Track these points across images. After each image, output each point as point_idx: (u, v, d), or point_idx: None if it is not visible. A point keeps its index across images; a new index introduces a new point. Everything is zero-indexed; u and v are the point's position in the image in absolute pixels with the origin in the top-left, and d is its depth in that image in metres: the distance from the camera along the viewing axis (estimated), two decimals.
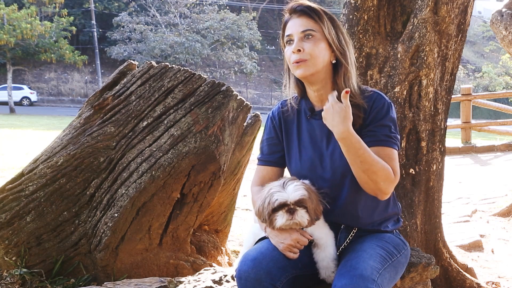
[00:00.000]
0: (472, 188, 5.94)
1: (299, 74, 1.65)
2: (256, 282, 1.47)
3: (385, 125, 1.63)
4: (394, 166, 1.60)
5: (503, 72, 34.65)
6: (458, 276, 2.60)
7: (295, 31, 1.64)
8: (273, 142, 1.80)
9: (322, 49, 1.62)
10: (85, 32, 32.84)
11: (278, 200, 1.54)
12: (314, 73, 1.64)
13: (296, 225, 1.56)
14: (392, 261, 1.59)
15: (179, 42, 28.41)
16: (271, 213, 1.55)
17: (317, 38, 1.62)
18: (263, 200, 1.58)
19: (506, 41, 4.85)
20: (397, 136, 1.65)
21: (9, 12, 23.79)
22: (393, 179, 1.59)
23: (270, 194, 1.56)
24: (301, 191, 1.54)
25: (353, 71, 1.68)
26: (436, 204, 2.55)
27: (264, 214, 1.57)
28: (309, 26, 1.62)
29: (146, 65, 2.50)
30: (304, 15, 1.64)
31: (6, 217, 2.26)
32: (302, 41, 1.62)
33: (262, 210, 1.58)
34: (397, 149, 1.64)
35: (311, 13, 1.63)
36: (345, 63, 1.65)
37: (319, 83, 1.68)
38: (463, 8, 2.42)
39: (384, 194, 1.62)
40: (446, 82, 2.49)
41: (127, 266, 2.28)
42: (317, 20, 1.63)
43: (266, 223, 1.58)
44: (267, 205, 1.56)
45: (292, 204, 1.53)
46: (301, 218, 1.54)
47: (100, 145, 2.33)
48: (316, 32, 1.62)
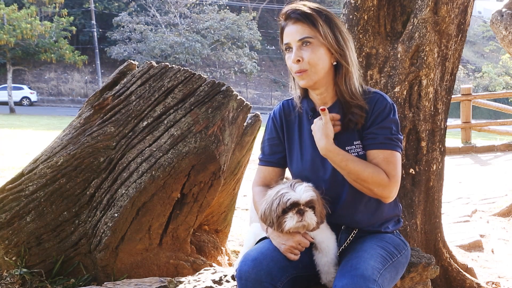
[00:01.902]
0: (472, 188, 5.94)
1: (302, 85, 1.66)
2: (257, 282, 1.47)
3: (386, 127, 1.62)
4: (390, 170, 1.59)
5: (503, 72, 34.65)
6: (458, 276, 2.60)
7: (292, 39, 1.62)
8: (274, 143, 1.80)
9: (321, 55, 1.61)
10: (85, 32, 32.84)
11: (291, 199, 1.51)
12: (316, 81, 1.64)
13: (304, 227, 1.54)
14: (392, 261, 1.59)
15: (179, 42, 28.41)
16: (281, 215, 1.52)
17: (315, 45, 1.60)
18: (270, 202, 1.55)
19: (506, 41, 4.85)
20: (399, 138, 1.64)
21: (9, 12, 23.78)
22: (387, 183, 1.58)
23: (280, 195, 1.53)
24: (310, 192, 1.54)
25: (354, 70, 1.66)
26: (436, 204, 2.55)
27: (271, 217, 1.54)
28: (305, 34, 1.60)
29: (146, 65, 2.50)
30: (299, 21, 1.61)
31: (6, 217, 2.26)
32: (300, 49, 1.61)
33: (269, 212, 1.54)
34: (399, 151, 1.63)
35: (306, 19, 1.60)
36: (345, 63, 1.63)
37: (322, 87, 1.68)
38: (463, 8, 2.42)
39: (384, 198, 1.62)
40: (446, 82, 2.49)
41: (127, 266, 2.28)
42: (312, 26, 1.60)
43: (274, 226, 1.55)
44: (276, 206, 1.52)
45: (303, 204, 1.52)
46: (310, 220, 1.52)
47: (100, 145, 2.33)
48: (313, 38, 1.60)
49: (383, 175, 1.57)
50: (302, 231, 1.56)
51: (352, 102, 1.63)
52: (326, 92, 1.69)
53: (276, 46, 38.84)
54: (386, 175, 1.58)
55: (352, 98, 1.63)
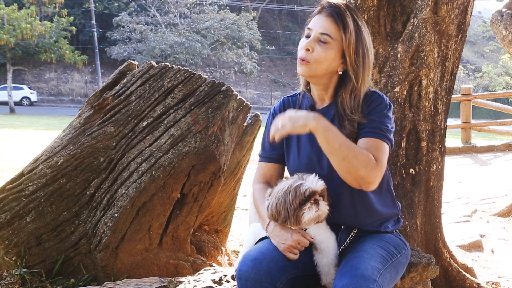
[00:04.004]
0: (472, 188, 5.94)
1: (298, 71, 1.67)
2: (256, 282, 1.47)
3: (378, 120, 1.61)
4: (378, 155, 1.55)
5: (503, 72, 34.65)
6: (458, 276, 2.60)
7: (315, 28, 1.62)
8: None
9: (330, 57, 1.60)
10: (85, 32, 32.84)
11: (309, 189, 1.48)
12: (312, 76, 1.65)
13: (319, 217, 1.52)
14: (392, 261, 1.59)
15: (179, 42, 28.41)
16: (298, 207, 1.49)
17: (330, 45, 1.60)
18: (283, 196, 1.52)
19: (506, 41, 4.85)
20: (390, 130, 1.62)
21: (9, 12, 23.78)
22: (374, 165, 1.53)
23: (296, 187, 1.50)
24: (321, 181, 1.53)
25: (363, 89, 1.65)
26: (436, 204, 2.55)
27: (286, 211, 1.51)
28: (328, 31, 1.59)
29: (146, 65, 2.50)
30: (331, 17, 1.60)
31: (6, 217, 2.26)
32: (316, 42, 1.61)
33: (283, 207, 1.51)
34: (388, 144, 1.60)
35: (339, 20, 1.59)
36: (354, 80, 1.62)
37: (320, 85, 1.69)
38: (463, 8, 2.42)
39: (369, 184, 1.55)
40: (446, 82, 2.49)
41: (127, 266, 2.28)
42: (340, 28, 1.59)
43: (290, 220, 1.52)
44: (293, 199, 1.49)
45: (318, 194, 1.51)
46: (324, 208, 1.52)
47: (100, 145, 2.33)
48: (333, 40, 1.59)
49: (372, 157, 1.54)
50: (314, 222, 1.55)
51: (350, 116, 1.62)
52: (325, 92, 1.70)
53: (276, 46, 38.88)
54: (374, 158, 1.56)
55: (352, 113, 1.62)
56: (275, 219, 1.57)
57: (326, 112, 1.69)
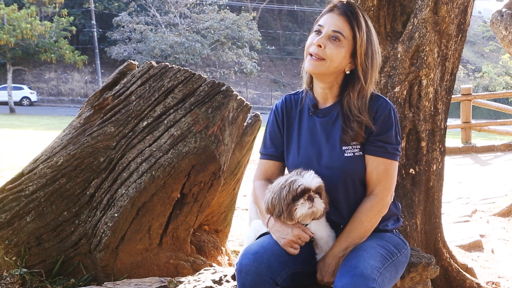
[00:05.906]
0: (472, 188, 5.94)
1: (307, 68, 1.66)
2: (257, 276, 1.47)
3: (392, 135, 1.64)
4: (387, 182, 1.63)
5: (503, 72, 34.65)
6: (458, 276, 2.60)
7: (328, 26, 1.61)
8: (275, 136, 1.80)
9: (341, 56, 1.61)
10: (85, 32, 32.84)
11: (302, 186, 1.50)
12: (322, 73, 1.64)
13: (313, 214, 1.53)
14: (392, 260, 1.60)
15: (179, 42, 28.41)
16: (291, 202, 1.51)
17: (342, 43, 1.60)
18: (278, 191, 1.54)
19: (506, 41, 4.85)
20: (399, 142, 1.66)
21: (9, 12, 23.79)
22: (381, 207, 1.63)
23: (290, 182, 1.52)
24: (318, 179, 1.54)
25: (370, 89, 1.66)
26: (436, 204, 2.55)
27: (280, 205, 1.53)
28: (341, 30, 1.60)
29: (146, 65, 2.50)
30: (344, 16, 1.60)
31: (6, 217, 2.26)
32: (328, 39, 1.60)
33: (278, 201, 1.54)
34: (398, 159, 1.67)
35: (352, 19, 1.60)
36: (363, 80, 1.63)
37: (326, 84, 1.69)
38: (463, 8, 2.42)
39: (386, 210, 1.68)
40: (446, 82, 2.49)
41: (127, 266, 2.28)
42: (353, 28, 1.60)
43: (283, 215, 1.54)
44: (286, 194, 1.51)
45: (312, 190, 1.51)
46: (319, 205, 1.53)
47: (100, 145, 2.33)
48: (345, 38, 1.60)
49: (375, 205, 1.62)
50: (310, 218, 1.56)
51: (358, 117, 1.61)
52: (329, 90, 1.69)
53: (276, 46, 38.89)
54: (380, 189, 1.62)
55: (360, 113, 1.62)
56: (270, 212, 1.59)
57: (328, 112, 1.69)
